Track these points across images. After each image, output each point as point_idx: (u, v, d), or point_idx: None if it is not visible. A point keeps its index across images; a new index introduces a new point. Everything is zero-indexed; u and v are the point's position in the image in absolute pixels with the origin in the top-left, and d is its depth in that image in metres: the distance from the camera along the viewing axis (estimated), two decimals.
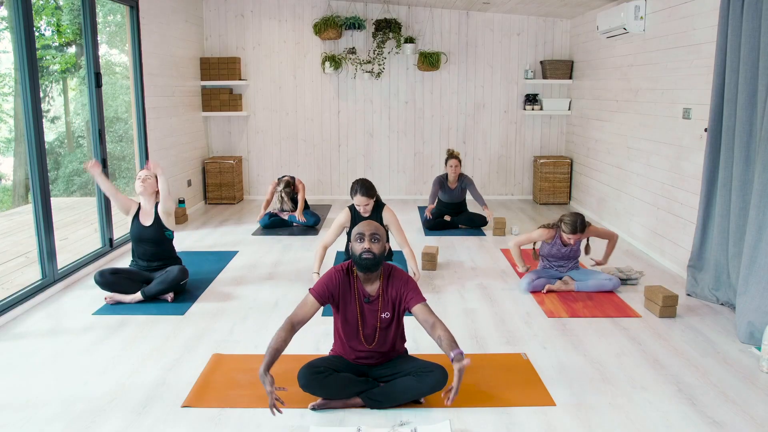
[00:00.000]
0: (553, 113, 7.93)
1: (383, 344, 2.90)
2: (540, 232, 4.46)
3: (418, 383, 2.78)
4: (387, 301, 2.84)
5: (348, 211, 4.50)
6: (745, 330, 3.56)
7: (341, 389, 2.80)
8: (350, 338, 2.89)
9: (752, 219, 3.63)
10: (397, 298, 2.83)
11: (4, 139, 10.07)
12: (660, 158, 5.24)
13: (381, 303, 2.84)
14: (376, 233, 2.78)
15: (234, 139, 8.15)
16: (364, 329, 2.86)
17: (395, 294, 2.83)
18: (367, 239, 2.76)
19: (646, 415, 2.79)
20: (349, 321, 2.86)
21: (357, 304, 2.84)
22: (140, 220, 4.33)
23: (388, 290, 2.84)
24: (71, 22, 9.82)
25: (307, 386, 2.78)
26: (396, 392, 2.80)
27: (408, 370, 2.84)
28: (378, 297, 2.84)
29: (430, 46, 7.86)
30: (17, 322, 3.88)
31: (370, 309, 2.85)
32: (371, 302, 2.84)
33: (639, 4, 5.49)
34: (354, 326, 2.86)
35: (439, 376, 2.78)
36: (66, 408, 2.84)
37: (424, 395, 2.83)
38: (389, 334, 2.89)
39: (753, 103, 3.78)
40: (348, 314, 2.86)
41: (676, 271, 4.90)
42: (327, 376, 2.78)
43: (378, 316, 2.84)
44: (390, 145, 8.13)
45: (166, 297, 4.23)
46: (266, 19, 7.90)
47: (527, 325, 3.86)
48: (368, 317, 2.85)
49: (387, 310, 2.84)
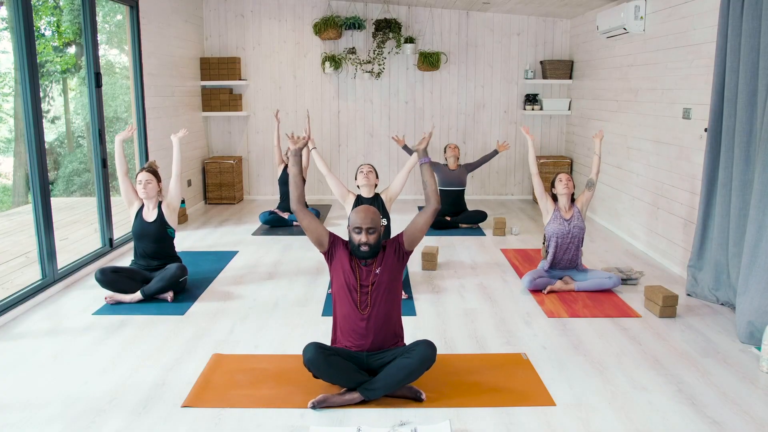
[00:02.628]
0: (553, 113, 7.93)
1: (378, 311, 2.91)
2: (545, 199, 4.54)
3: (408, 360, 2.81)
4: (382, 261, 2.94)
5: (353, 195, 4.51)
6: (745, 330, 3.56)
7: (342, 373, 2.83)
8: (345, 306, 2.94)
9: (752, 219, 3.63)
10: (395, 251, 2.97)
11: (4, 139, 10.06)
12: (660, 158, 5.24)
13: (375, 263, 2.93)
14: (373, 226, 2.87)
15: (234, 139, 8.15)
16: (360, 291, 2.92)
17: (392, 252, 2.96)
18: (364, 232, 2.87)
19: (646, 415, 2.79)
20: (344, 282, 2.93)
21: (352, 265, 2.93)
22: (143, 216, 4.34)
23: (384, 256, 2.96)
24: (71, 22, 9.82)
25: (310, 360, 2.79)
26: (389, 375, 2.82)
27: (399, 354, 2.89)
28: (373, 261, 2.94)
29: (430, 46, 7.86)
30: (17, 322, 3.88)
31: (366, 270, 2.93)
32: (367, 265, 2.95)
33: (639, 4, 5.49)
34: (349, 287, 2.92)
35: (426, 349, 2.82)
36: (66, 408, 2.84)
37: (415, 371, 2.82)
38: (384, 299, 2.92)
39: (753, 103, 3.78)
40: (343, 273, 2.93)
41: (676, 271, 4.90)
42: (331, 355, 2.82)
43: (372, 271, 2.92)
44: (390, 145, 8.13)
45: (166, 297, 4.23)
46: (266, 19, 7.90)
47: (527, 325, 3.86)
48: (363, 277, 2.92)
49: (379, 266, 2.93)
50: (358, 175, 4.54)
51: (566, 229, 4.44)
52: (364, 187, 4.52)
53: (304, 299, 4.30)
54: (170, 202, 4.39)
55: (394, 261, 2.97)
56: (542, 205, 4.53)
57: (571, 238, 4.44)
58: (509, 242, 5.91)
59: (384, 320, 2.94)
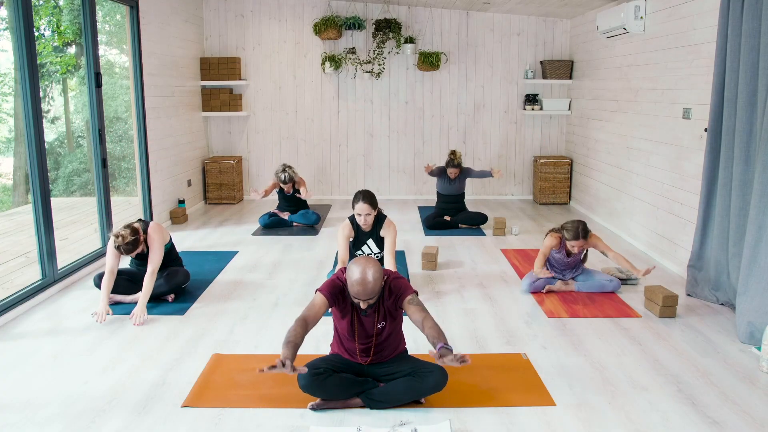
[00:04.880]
0: (553, 113, 7.93)
1: (380, 356, 2.90)
2: (550, 238, 4.38)
3: (419, 383, 2.78)
4: (383, 313, 2.84)
5: (348, 224, 4.27)
6: (745, 330, 3.56)
7: (341, 390, 2.80)
8: (347, 342, 2.91)
9: (752, 219, 3.63)
10: (393, 305, 2.83)
11: (4, 139, 10.06)
12: (660, 158, 5.24)
13: (377, 315, 2.83)
14: (371, 299, 2.69)
15: (234, 139, 8.15)
16: (359, 340, 2.86)
17: (392, 304, 2.83)
18: (363, 303, 2.71)
19: (646, 415, 2.79)
20: (346, 330, 2.86)
21: (352, 317, 2.84)
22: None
23: (384, 302, 2.83)
24: (71, 21, 9.82)
25: (306, 387, 2.78)
26: (396, 392, 2.80)
27: (407, 370, 2.84)
28: (374, 311, 2.83)
29: (430, 46, 7.86)
30: (17, 322, 3.88)
31: (367, 320, 2.84)
32: (368, 315, 2.83)
33: (639, 4, 5.49)
34: (350, 336, 2.87)
35: (439, 377, 2.79)
36: (66, 408, 2.84)
37: (424, 395, 2.83)
38: (386, 346, 2.90)
39: (753, 103, 3.78)
40: (344, 322, 2.86)
41: (676, 271, 4.90)
42: (327, 378, 2.78)
43: (374, 326, 2.84)
44: (390, 145, 8.13)
45: (167, 297, 4.23)
46: (266, 19, 7.90)
47: (527, 325, 3.86)
48: (366, 326, 2.85)
49: (382, 320, 2.84)
50: (356, 215, 4.20)
51: (566, 262, 4.46)
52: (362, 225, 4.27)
53: (304, 299, 4.29)
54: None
55: (391, 309, 2.85)
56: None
57: (570, 270, 4.50)
58: (509, 242, 5.91)
59: (387, 346, 2.92)
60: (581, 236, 4.21)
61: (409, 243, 5.84)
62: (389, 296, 2.81)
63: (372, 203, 4.15)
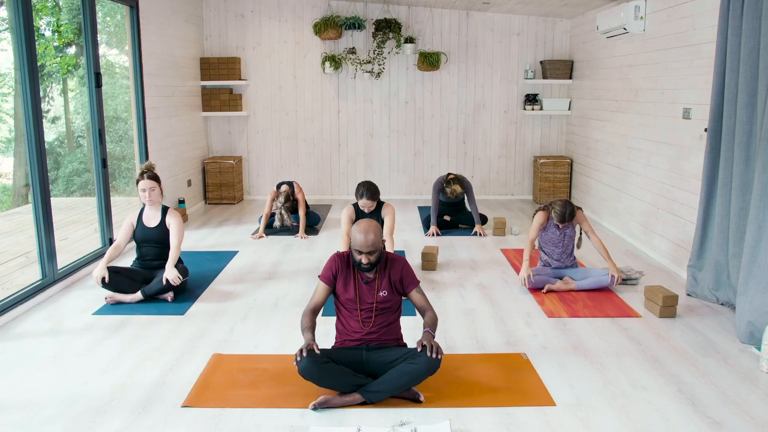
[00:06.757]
0: (553, 113, 7.93)
1: (379, 336, 2.98)
2: (539, 216, 4.53)
3: (413, 366, 2.80)
4: (385, 282, 2.98)
5: (352, 209, 4.84)
6: (745, 330, 3.56)
7: (338, 379, 2.84)
8: (348, 320, 3.01)
9: (752, 219, 3.63)
10: (397, 279, 3.00)
11: (4, 139, 10.06)
12: (660, 158, 5.24)
13: (378, 283, 2.97)
14: (373, 249, 2.89)
15: (234, 139, 8.15)
16: (362, 308, 2.96)
17: (396, 276, 3.00)
18: (364, 255, 2.89)
19: (646, 415, 2.79)
20: (348, 301, 2.98)
21: (355, 284, 2.97)
22: (144, 223, 4.34)
23: (387, 272, 2.99)
24: (71, 21, 9.82)
25: (304, 370, 2.79)
26: (392, 379, 2.82)
27: (403, 356, 2.89)
28: (375, 279, 2.98)
29: (430, 46, 7.86)
30: (17, 322, 3.88)
31: (369, 288, 2.97)
32: (369, 283, 2.98)
33: (639, 4, 5.49)
34: (352, 306, 2.97)
35: (432, 358, 2.81)
36: (66, 408, 2.84)
37: (419, 377, 2.82)
38: (386, 325, 2.98)
39: (753, 103, 3.78)
40: (347, 293, 2.98)
41: (676, 271, 4.90)
42: (325, 363, 2.81)
43: (375, 294, 2.96)
44: (390, 145, 8.13)
45: (166, 297, 4.23)
46: (266, 19, 7.89)
47: (527, 325, 3.86)
48: (366, 296, 2.97)
49: (384, 288, 2.97)
50: (360, 208, 4.84)
51: (557, 238, 4.51)
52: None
53: (304, 299, 4.29)
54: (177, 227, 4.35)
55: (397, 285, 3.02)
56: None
57: (561, 249, 4.54)
58: (509, 242, 5.91)
59: (386, 328, 3.01)
60: (567, 220, 4.39)
61: (409, 243, 5.84)
62: (398, 273, 3.00)
63: (373, 198, 4.75)
